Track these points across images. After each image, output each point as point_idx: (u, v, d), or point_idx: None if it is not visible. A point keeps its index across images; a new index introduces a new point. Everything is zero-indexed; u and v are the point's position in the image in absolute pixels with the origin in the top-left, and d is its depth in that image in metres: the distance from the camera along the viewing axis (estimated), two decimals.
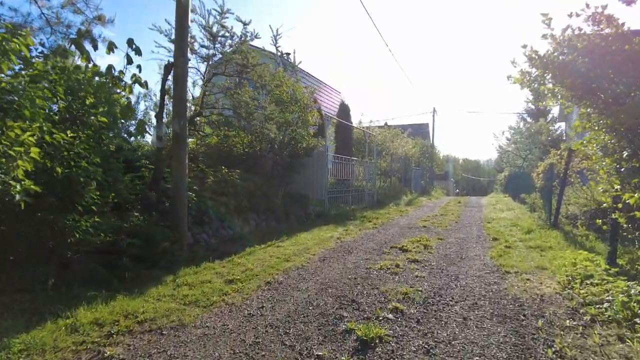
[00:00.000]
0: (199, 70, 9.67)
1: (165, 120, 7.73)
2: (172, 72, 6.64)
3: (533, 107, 41.72)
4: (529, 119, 39.13)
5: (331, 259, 6.63)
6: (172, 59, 6.88)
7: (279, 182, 10.27)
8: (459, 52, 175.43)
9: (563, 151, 10.38)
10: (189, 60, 7.28)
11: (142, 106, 18.50)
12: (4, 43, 3.62)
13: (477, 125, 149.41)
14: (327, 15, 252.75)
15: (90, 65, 5.02)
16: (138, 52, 5.48)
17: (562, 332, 3.65)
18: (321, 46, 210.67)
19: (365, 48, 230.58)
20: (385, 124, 54.14)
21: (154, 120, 9.48)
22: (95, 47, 5.70)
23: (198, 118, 9.23)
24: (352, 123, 18.10)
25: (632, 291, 4.18)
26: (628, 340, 3.42)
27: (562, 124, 42.46)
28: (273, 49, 12.25)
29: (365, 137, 16.27)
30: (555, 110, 44.30)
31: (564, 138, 30.08)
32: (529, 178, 22.85)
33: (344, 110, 18.11)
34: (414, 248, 7.50)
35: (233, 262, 6.37)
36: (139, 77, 5.57)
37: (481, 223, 11.43)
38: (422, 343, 3.44)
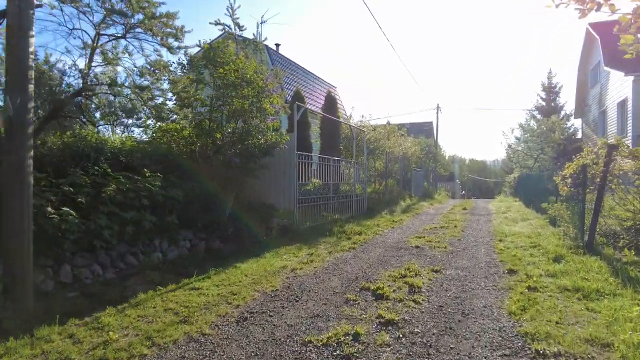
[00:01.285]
0: (85, 32, 7.28)
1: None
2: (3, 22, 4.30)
3: (544, 103, 39.13)
4: (539, 116, 36.39)
5: (256, 320, 4.20)
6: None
7: (227, 189, 7.88)
8: (464, 49, 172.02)
9: (600, 149, 7.88)
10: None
11: None
12: None
13: (483, 124, 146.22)
14: (326, 13, 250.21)
15: None
16: None
17: None
18: (320, 44, 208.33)
19: (365, 46, 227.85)
20: (388, 122, 51.83)
21: None
22: None
23: (82, 97, 6.83)
24: (339, 118, 15.64)
25: None
26: None
27: (577, 121, 39.53)
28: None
29: (353, 134, 13.84)
30: (568, 107, 41.45)
31: (580, 136, 27.38)
32: (541, 180, 20.31)
33: (330, 103, 15.69)
34: (393, 291, 5.07)
35: (66, 334, 3.91)
36: None
37: (491, 241, 8.95)
38: None
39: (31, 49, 4.24)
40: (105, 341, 3.61)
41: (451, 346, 3.52)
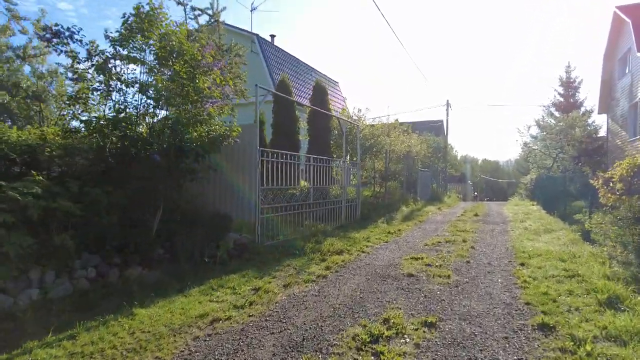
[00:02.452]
0: None
1: None
2: None
3: (562, 99, 36.49)
4: (556, 113, 33.84)
5: None
6: None
7: (151, 196, 5.87)
8: (474, 43, 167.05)
9: None
10: None
11: None
12: None
13: (496, 123, 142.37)
14: (326, 10, 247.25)
15: None
16: None
17: None
18: (319, 41, 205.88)
19: (366, 41, 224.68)
20: (396, 120, 49.55)
21: None
22: None
23: None
24: (329, 111, 13.57)
25: None
26: None
27: (600, 118, 36.52)
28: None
29: (342, 129, 11.73)
30: (589, 103, 38.65)
31: (602, 134, 24.80)
32: (563, 183, 17.96)
33: (319, 94, 13.64)
34: None
35: None
36: None
37: (509, 265, 6.80)
38: None
39: None
40: None
41: None
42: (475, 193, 51.14)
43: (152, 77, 5.86)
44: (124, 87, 6.11)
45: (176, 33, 5.82)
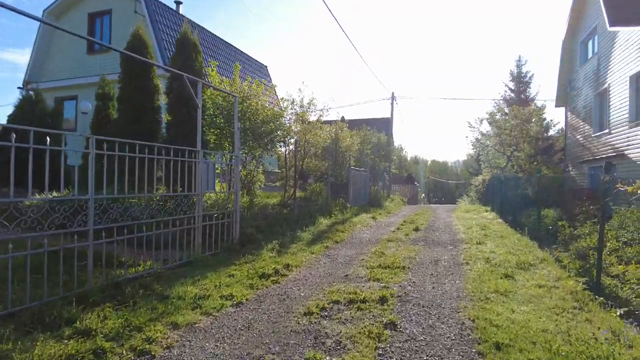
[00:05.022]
0: None
1: None
2: None
3: (513, 95, 34.17)
4: (506, 109, 31.28)
5: None
6: None
7: None
8: (423, 36, 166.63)
9: None
10: None
11: None
12: None
13: (446, 124, 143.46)
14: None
15: None
16: None
17: None
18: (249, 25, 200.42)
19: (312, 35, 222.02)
20: (342, 117, 45.79)
21: None
22: None
23: None
24: (203, 77, 9.01)
25: None
26: None
27: (555, 114, 34.48)
28: None
29: (197, 96, 6.99)
30: (541, 97, 36.68)
31: (564, 129, 21.98)
32: (519, 184, 14.49)
33: (183, 50, 9.03)
34: None
35: None
36: None
37: None
38: None
39: None
40: None
41: None
42: (423, 195, 48.42)
43: None
44: None
45: None
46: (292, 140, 11.55)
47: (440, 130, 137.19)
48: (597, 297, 4.82)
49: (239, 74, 10.84)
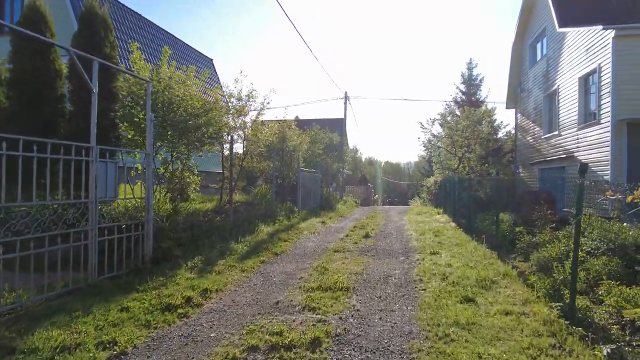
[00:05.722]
0: None
1: None
2: None
3: (464, 97, 34.54)
4: (457, 112, 31.40)
5: None
6: None
7: None
8: (379, 38, 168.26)
9: None
10: None
11: None
12: None
13: (399, 126, 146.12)
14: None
15: None
16: None
17: None
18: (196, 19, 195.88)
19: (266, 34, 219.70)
20: (296, 117, 44.63)
21: None
22: None
23: None
24: (111, 60, 7.53)
25: None
26: None
27: (504, 116, 35.32)
28: None
29: (92, 78, 5.54)
30: (492, 98, 37.35)
31: (514, 130, 22.08)
32: (471, 186, 13.97)
33: (86, 27, 7.48)
34: None
35: None
36: None
37: None
38: None
39: None
40: None
41: None
42: (376, 196, 48.31)
43: None
44: None
45: None
46: (229, 138, 10.19)
47: (394, 131, 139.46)
48: (574, 327, 3.97)
49: (167, 59, 9.35)
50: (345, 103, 30.78)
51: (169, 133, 8.40)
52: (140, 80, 7.98)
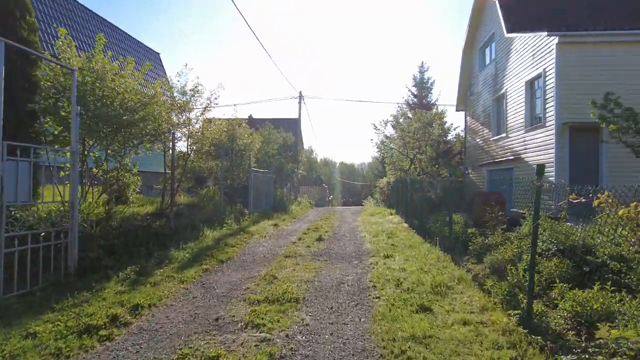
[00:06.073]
0: None
1: None
2: None
3: (416, 100, 35.24)
4: (409, 114, 31.98)
5: None
6: None
7: None
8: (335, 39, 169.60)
9: None
10: None
11: None
12: None
13: (354, 127, 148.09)
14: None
15: None
16: None
17: None
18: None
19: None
20: (250, 116, 43.58)
21: None
22: None
23: None
24: (31, 45, 6.63)
25: None
26: None
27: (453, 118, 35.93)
28: None
29: None
30: (442, 101, 38.50)
31: (464, 132, 22.69)
32: (423, 187, 14.09)
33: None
34: None
35: None
36: None
37: None
38: None
39: None
40: None
41: None
42: (331, 196, 48.34)
43: None
44: None
45: None
46: (172, 135, 9.41)
47: (350, 132, 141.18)
48: (533, 335, 3.77)
49: (102, 47, 8.43)
50: (299, 102, 30.40)
51: (103, 129, 7.55)
52: (67, 70, 7.09)
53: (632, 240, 3.28)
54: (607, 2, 13.86)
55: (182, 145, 11.39)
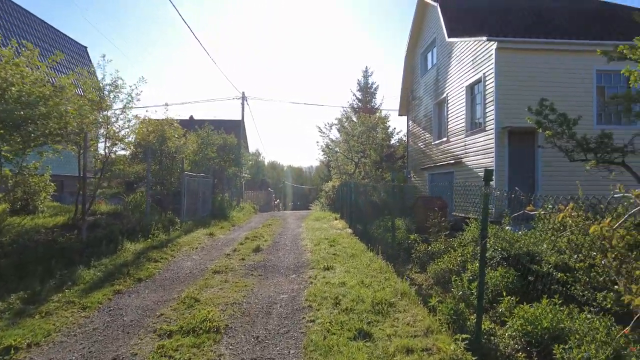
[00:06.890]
0: None
1: None
2: None
3: (360, 104, 35.38)
4: (354, 118, 31.95)
5: None
6: None
7: None
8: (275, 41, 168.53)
9: None
10: None
11: None
12: None
13: (302, 130, 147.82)
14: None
15: None
16: None
17: None
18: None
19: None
20: (191, 117, 41.53)
21: None
22: None
23: None
24: None
25: None
26: None
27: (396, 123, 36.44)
28: None
29: None
30: (386, 106, 39.09)
31: (406, 137, 22.85)
32: (366, 192, 13.77)
33: None
34: None
35: None
36: None
37: None
38: None
39: None
40: None
41: None
42: (277, 201, 47.42)
43: None
44: None
45: None
46: (85, 135, 8.20)
47: (298, 135, 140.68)
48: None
49: None
50: (242, 104, 29.28)
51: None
52: None
53: (603, 262, 2.89)
54: (547, 12, 14.40)
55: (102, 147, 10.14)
